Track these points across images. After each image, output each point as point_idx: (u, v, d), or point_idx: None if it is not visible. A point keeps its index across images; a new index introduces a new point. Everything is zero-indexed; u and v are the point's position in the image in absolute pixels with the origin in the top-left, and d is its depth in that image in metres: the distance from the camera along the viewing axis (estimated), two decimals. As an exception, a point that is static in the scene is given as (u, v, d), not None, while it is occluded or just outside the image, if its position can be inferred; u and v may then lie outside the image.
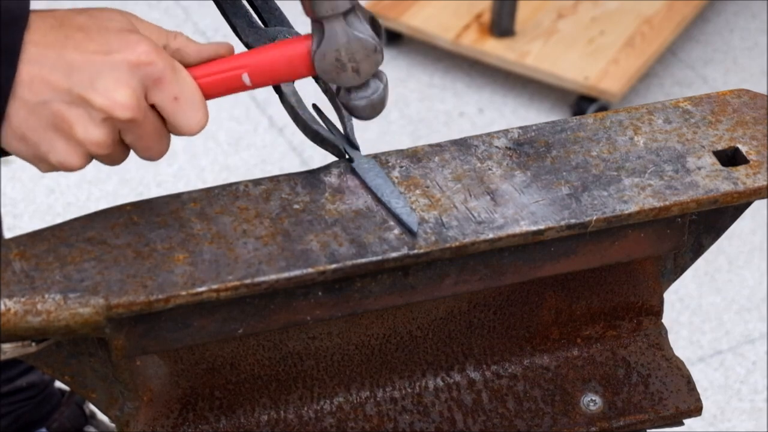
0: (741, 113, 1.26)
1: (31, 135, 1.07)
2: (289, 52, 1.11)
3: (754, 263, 2.76)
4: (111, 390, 1.23)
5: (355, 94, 1.12)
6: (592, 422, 1.32)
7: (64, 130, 1.06)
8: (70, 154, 1.07)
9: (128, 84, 1.05)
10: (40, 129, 1.06)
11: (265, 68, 1.11)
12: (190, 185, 2.85)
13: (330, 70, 1.10)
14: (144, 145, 1.09)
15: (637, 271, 1.33)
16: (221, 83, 1.12)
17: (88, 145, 1.07)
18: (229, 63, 1.12)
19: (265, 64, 1.11)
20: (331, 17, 1.07)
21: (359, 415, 1.31)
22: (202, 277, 1.11)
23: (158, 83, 1.07)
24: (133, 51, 1.06)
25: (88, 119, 1.06)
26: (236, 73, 1.11)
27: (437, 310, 1.30)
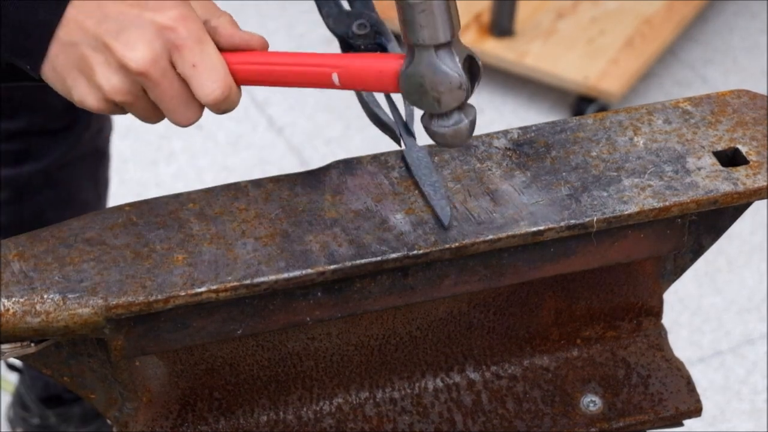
0: (741, 114, 1.26)
1: (60, 70, 1.13)
2: (381, 65, 1.13)
3: (754, 263, 2.76)
4: (110, 391, 1.23)
5: (436, 120, 1.12)
6: (592, 423, 1.32)
7: (85, 71, 1.12)
8: (90, 94, 1.13)
9: (149, 42, 1.10)
10: (68, 66, 1.13)
11: (354, 73, 1.14)
12: (189, 185, 2.85)
13: (413, 93, 1.11)
14: (166, 105, 1.14)
15: (637, 271, 1.32)
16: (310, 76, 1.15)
17: (106, 90, 1.12)
18: (322, 59, 1.15)
19: (356, 70, 1.14)
20: (422, 46, 1.09)
21: (358, 415, 1.31)
22: (201, 278, 1.11)
23: (179, 49, 1.11)
24: (163, 14, 1.11)
25: (107, 65, 1.12)
26: (327, 71, 1.14)
27: (437, 311, 1.30)
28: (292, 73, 1.15)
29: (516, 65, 3.09)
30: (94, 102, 1.14)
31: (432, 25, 1.08)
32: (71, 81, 1.13)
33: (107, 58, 1.11)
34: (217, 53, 1.13)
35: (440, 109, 1.11)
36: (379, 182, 1.20)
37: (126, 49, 1.10)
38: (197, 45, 1.12)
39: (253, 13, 3.37)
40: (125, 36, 1.10)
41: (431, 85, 1.09)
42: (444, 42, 1.09)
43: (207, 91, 1.12)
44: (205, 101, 1.13)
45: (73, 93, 1.14)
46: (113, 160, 2.88)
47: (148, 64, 1.10)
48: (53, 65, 1.13)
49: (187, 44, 1.11)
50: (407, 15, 1.08)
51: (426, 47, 1.09)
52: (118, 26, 1.11)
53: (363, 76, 1.14)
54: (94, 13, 1.11)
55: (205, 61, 1.12)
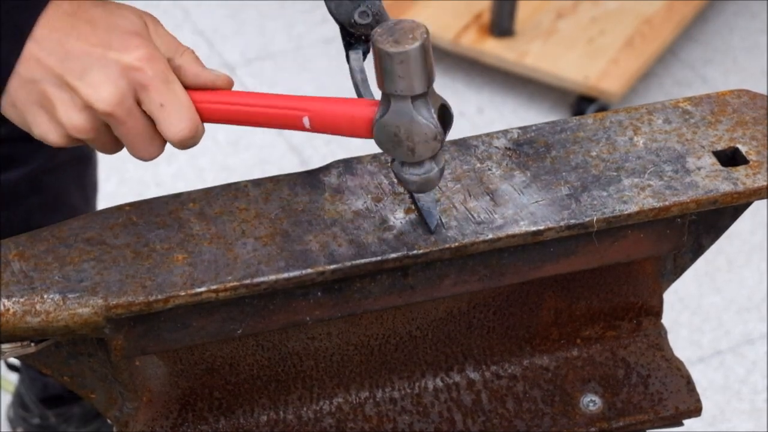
0: (741, 113, 1.26)
1: (20, 105, 1.13)
2: (354, 111, 1.13)
3: (754, 263, 2.76)
4: (110, 390, 1.23)
5: (407, 168, 1.13)
6: (592, 423, 1.32)
7: (47, 108, 1.12)
8: (51, 131, 1.13)
9: (115, 82, 1.10)
10: (28, 102, 1.13)
11: (327, 118, 1.14)
12: (190, 185, 2.85)
13: (386, 142, 1.12)
14: (130, 142, 1.14)
15: (637, 271, 1.32)
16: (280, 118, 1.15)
17: (68, 128, 1.12)
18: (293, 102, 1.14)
19: (328, 115, 1.14)
20: (400, 98, 1.09)
21: (358, 415, 1.31)
22: (201, 278, 1.11)
23: (146, 89, 1.11)
24: (129, 54, 1.11)
25: (71, 104, 1.11)
26: (298, 114, 1.14)
27: (437, 311, 1.30)
28: (261, 115, 1.15)
29: (516, 65, 3.09)
30: (55, 138, 1.13)
31: (409, 76, 1.08)
32: (31, 117, 1.13)
33: (71, 97, 1.11)
34: (184, 92, 1.13)
35: (414, 158, 1.12)
36: (379, 182, 1.20)
37: (91, 90, 1.10)
38: (164, 85, 1.12)
39: (253, 13, 3.37)
40: (90, 76, 1.10)
41: (407, 135, 1.10)
42: (421, 93, 1.09)
43: (175, 131, 1.12)
44: (172, 140, 1.13)
45: (33, 128, 1.14)
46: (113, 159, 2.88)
47: (115, 104, 1.10)
48: (12, 100, 1.13)
49: (154, 84, 1.11)
50: (385, 65, 1.08)
51: (403, 98, 1.09)
52: (82, 66, 1.10)
53: (335, 122, 1.14)
54: (56, 51, 1.11)
55: (172, 100, 1.12)
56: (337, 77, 3.45)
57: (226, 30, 3.32)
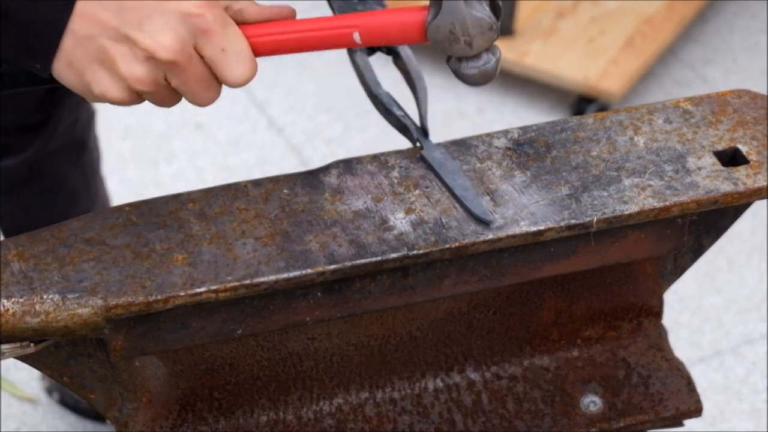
0: (741, 113, 1.26)
1: (77, 64, 1.12)
2: (404, 18, 1.14)
3: (754, 263, 2.76)
4: (110, 391, 1.23)
5: (465, 63, 1.16)
6: (592, 423, 1.32)
7: (107, 63, 1.11)
8: (112, 87, 1.12)
9: (175, 29, 1.10)
10: (86, 60, 1.11)
11: (376, 30, 1.14)
12: (189, 185, 2.85)
13: (442, 41, 1.14)
14: (189, 89, 1.13)
15: (637, 271, 1.32)
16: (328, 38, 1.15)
17: (130, 81, 1.11)
18: (341, 21, 1.15)
19: (378, 26, 1.14)
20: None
21: (358, 416, 1.31)
22: (201, 278, 1.11)
23: (206, 34, 1.11)
24: (185, 1, 1.10)
25: (132, 56, 1.10)
26: (348, 31, 1.14)
27: (437, 311, 1.30)
28: (312, 39, 1.15)
29: (516, 65, 3.08)
30: (117, 93, 1.12)
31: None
32: (90, 75, 1.12)
33: (131, 49, 1.10)
34: (241, 35, 1.13)
35: (472, 51, 1.14)
36: (379, 182, 1.20)
37: (151, 39, 1.09)
38: (223, 29, 1.11)
39: (253, 13, 3.36)
40: (149, 26, 1.10)
41: (463, 30, 1.12)
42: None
43: (236, 74, 1.12)
44: (234, 84, 1.13)
45: (93, 87, 1.12)
46: (114, 159, 2.88)
47: (177, 51, 1.10)
48: (69, 60, 1.12)
49: (214, 29, 1.11)
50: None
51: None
52: (138, 16, 1.10)
53: (385, 31, 1.14)
54: (110, 5, 1.10)
55: (233, 44, 1.12)
56: (338, 77, 3.45)
57: (226, 30, 3.32)
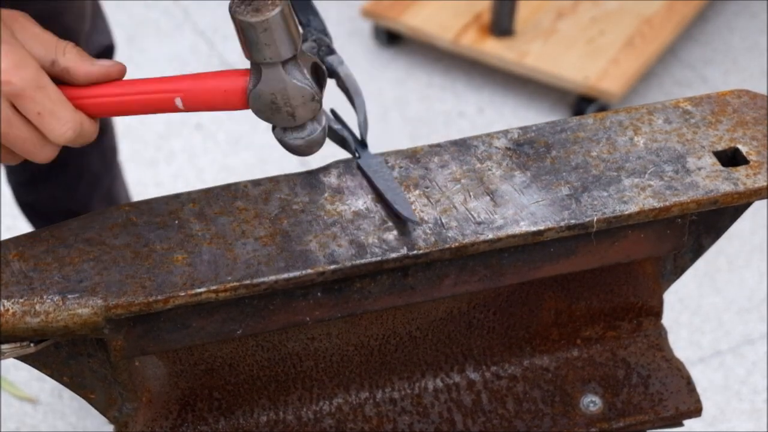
0: (741, 113, 1.26)
1: None
2: (226, 85, 1.11)
3: (754, 263, 2.76)
4: (110, 391, 1.23)
5: (290, 133, 1.12)
6: (592, 423, 1.32)
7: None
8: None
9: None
10: None
11: (198, 95, 1.12)
12: (189, 185, 2.85)
13: (264, 111, 1.10)
14: (20, 150, 1.11)
15: (637, 271, 1.32)
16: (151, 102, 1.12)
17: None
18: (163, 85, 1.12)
19: (200, 92, 1.12)
20: (269, 65, 1.08)
21: (358, 416, 1.31)
22: (201, 278, 1.11)
23: (19, 98, 1.08)
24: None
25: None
26: (169, 96, 1.12)
27: (437, 311, 1.30)
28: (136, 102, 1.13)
29: (516, 65, 3.08)
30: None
31: (275, 43, 1.06)
32: None
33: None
34: (59, 94, 1.09)
35: (295, 122, 1.10)
36: (379, 182, 1.20)
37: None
38: (36, 92, 1.08)
39: (253, 13, 3.36)
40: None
41: (284, 101, 1.09)
42: (290, 56, 1.08)
43: (57, 134, 1.10)
44: (58, 143, 1.10)
45: None
46: (113, 159, 2.88)
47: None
48: None
49: (26, 94, 1.08)
50: (249, 35, 1.06)
51: (273, 64, 1.07)
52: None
53: (208, 98, 1.12)
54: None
55: (47, 106, 1.09)
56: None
57: (226, 30, 3.32)
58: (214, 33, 3.29)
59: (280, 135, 1.13)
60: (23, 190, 2.20)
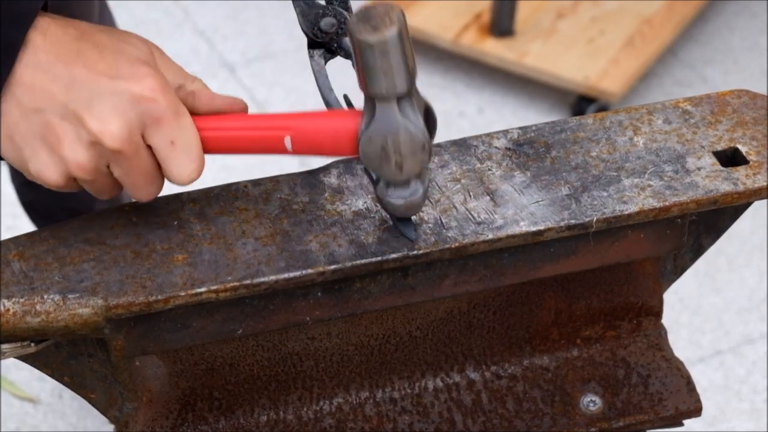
0: (741, 113, 1.26)
1: (18, 138, 1.04)
2: (337, 125, 1.06)
3: (754, 263, 2.76)
4: (110, 390, 1.23)
5: (392, 190, 1.07)
6: (592, 423, 1.32)
7: (50, 142, 1.03)
8: (50, 167, 1.04)
9: (125, 114, 1.02)
10: (28, 135, 1.04)
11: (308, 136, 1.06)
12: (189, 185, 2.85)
13: (374, 158, 1.04)
14: (132, 181, 1.06)
15: (637, 271, 1.32)
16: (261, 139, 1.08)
17: (70, 164, 1.04)
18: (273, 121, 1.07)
19: (310, 132, 1.06)
20: (384, 99, 1.02)
21: (358, 415, 1.31)
22: (201, 278, 1.11)
23: (157, 123, 1.04)
24: (139, 82, 1.03)
25: (77, 138, 1.03)
26: (278, 134, 1.07)
27: (437, 311, 1.30)
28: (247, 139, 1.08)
29: (516, 65, 3.09)
30: (53, 176, 1.04)
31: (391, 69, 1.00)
32: (30, 151, 1.04)
33: (77, 130, 1.02)
34: (194, 128, 1.06)
35: (401, 176, 1.05)
36: (379, 182, 1.20)
37: (100, 123, 1.01)
38: (176, 119, 1.04)
39: (253, 13, 3.37)
40: (98, 107, 1.01)
41: (395, 146, 1.03)
42: (406, 91, 1.03)
43: (185, 171, 1.06)
44: (178, 182, 1.06)
45: (29, 164, 1.04)
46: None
47: (125, 140, 1.02)
48: (10, 133, 1.03)
49: (166, 117, 1.03)
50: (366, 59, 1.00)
51: (389, 99, 1.02)
52: (90, 95, 1.01)
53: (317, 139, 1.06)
54: (62, 78, 1.02)
55: (183, 136, 1.05)
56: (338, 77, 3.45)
57: (227, 30, 3.32)
58: (214, 33, 3.29)
59: (382, 192, 1.07)
60: (26, 189, 2.20)
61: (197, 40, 3.27)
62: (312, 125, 1.07)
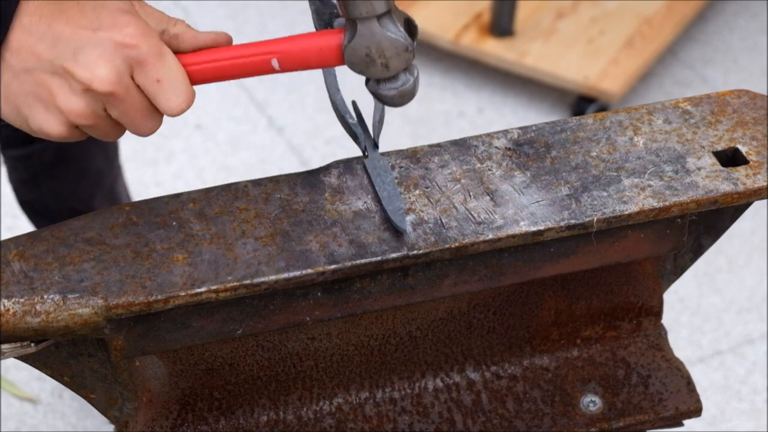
0: (741, 113, 1.26)
1: (14, 98, 1.10)
2: (320, 43, 1.15)
3: (754, 263, 2.76)
4: (110, 390, 1.23)
5: (383, 84, 1.15)
6: (592, 423, 1.32)
7: (44, 98, 1.09)
8: (51, 121, 1.10)
9: (110, 60, 1.08)
10: (22, 94, 1.10)
11: (294, 55, 1.15)
12: (190, 185, 2.85)
13: (359, 63, 1.14)
14: (130, 119, 1.12)
15: (637, 271, 1.32)
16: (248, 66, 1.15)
17: (68, 114, 1.10)
18: (259, 48, 1.15)
19: (295, 52, 1.15)
20: (365, 18, 1.11)
21: (358, 415, 1.31)
22: (201, 278, 1.11)
23: (141, 65, 1.09)
24: (120, 31, 1.09)
25: (69, 89, 1.09)
26: (266, 58, 1.15)
27: (437, 311, 1.30)
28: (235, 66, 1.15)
29: (516, 65, 3.09)
30: (55, 127, 1.10)
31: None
32: (27, 109, 1.10)
33: (68, 82, 1.08)
34: (178, 64, 1.12)
35: (389, 73, 1.14)
36: (379, 182, 1.20)
37: (87, 71, 1.07)
38: (159, 59, 1.10)
39: (253, 13, 3.37)
40: (84, 57, 1.08)
41: (378, 52, 1.12)
42: (385, 11, 1.11)
43: (173, 105, 1.11)
44: (171, 114, 1.12)
45: (30, 121, 1.10)
46: (113, 159, 2.88)
47: (114, 82, 1.08)
48: (6, 95, 1.09)
49: (149, 60, 1.09)
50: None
51: (368, 19, 1.11)
52: (74, 48, 1.08)
53: (303, 57, 1.15)
54: (46, 37, 1.08)
55: (168, 74, 1.11)
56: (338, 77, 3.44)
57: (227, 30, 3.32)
58: (214, 33, 3.29)
59: (374, 87, 1.16)
60: (25, 188, 2.20)
61: (197, 40, 3.27)
62: (297, 46, 1.15)
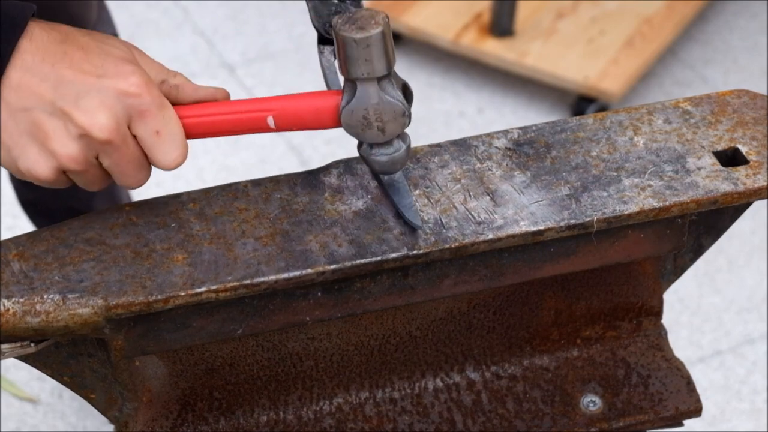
0: (741, 113, 1.26)
1: (7, 137, 1.09)
2: (318, 103, 1.15)
3: (754, 263, 2.76)
4: (110, 390, 1.23)
5: (377, 149, 1.16)
6: (592, 423, 1.32)
7: (39, 138, 1.08)
8: (40, 162, 1.09)
9: (111, 108, 1.08)
10: (16, 133, 1.08)
11: (290, 115, 1.15)
12: (189, 185, 2.85)
13: (355, 126, 1.14)
14: (121, 170, 1.11)
15: (637, 271, 1.33)
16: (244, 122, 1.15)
17: (60, 157, 1.09)
18: (256, 105, 1.15)
19: (292, 111, 1.15)
20: (365, 80, 1.12)
21: (358, 415, 1.31)
22: (201, 278, 1.11)
23: (142, 115, 1.09)
24: (124, 80, 1.09)
25: (65, 132, 1.08)
26: (262, 115, 1.15)
27: (437, 311, 1.30)
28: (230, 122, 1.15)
29: (516, 65, 3.08)
30: (43, 170, 1.09)
31: (372, 59, 1.10)
32: (19, 150, 1.09)
33: (66, 125, 1.07)
34: (177, 119, 1.12)
35: (384, 138, 1.14)
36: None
37: (87, 116, 1.07)
38: (160, 111, 1.10)
39: (253, 13, 3.37)
40: (85, 102, 1.07)
41: (376, 116, 1.13)
42: (386, 74, 1.12)
43: (170, 158, 1.11)
44: (165, 167, 1.12)
45: (19, 162, 1.09)
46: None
47: (112, 131, 1.08)
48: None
49: (151, 110, 1.09)
50: (350, 51, 1.10)
51: (368, 80, 1.11)
52: (76, 92, 1.07)
53: (300, 117, 1.15)
54: (49, 78, 1.07)
55: (167, 126, 1.11)
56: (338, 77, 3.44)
57: (226, 30, 3.32)
58: (214, 33, 3.29)
59: (366, 152, 1.16)
60: (25, 188, 2.20)
61: (197, 40, 3.27)
62: (294, 105, 1.15)
